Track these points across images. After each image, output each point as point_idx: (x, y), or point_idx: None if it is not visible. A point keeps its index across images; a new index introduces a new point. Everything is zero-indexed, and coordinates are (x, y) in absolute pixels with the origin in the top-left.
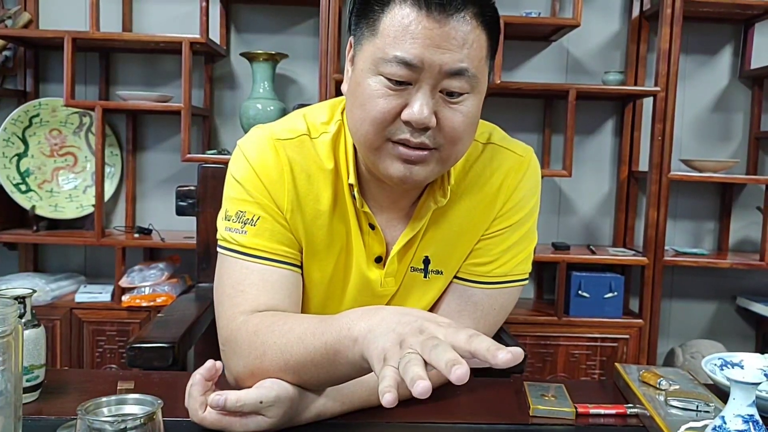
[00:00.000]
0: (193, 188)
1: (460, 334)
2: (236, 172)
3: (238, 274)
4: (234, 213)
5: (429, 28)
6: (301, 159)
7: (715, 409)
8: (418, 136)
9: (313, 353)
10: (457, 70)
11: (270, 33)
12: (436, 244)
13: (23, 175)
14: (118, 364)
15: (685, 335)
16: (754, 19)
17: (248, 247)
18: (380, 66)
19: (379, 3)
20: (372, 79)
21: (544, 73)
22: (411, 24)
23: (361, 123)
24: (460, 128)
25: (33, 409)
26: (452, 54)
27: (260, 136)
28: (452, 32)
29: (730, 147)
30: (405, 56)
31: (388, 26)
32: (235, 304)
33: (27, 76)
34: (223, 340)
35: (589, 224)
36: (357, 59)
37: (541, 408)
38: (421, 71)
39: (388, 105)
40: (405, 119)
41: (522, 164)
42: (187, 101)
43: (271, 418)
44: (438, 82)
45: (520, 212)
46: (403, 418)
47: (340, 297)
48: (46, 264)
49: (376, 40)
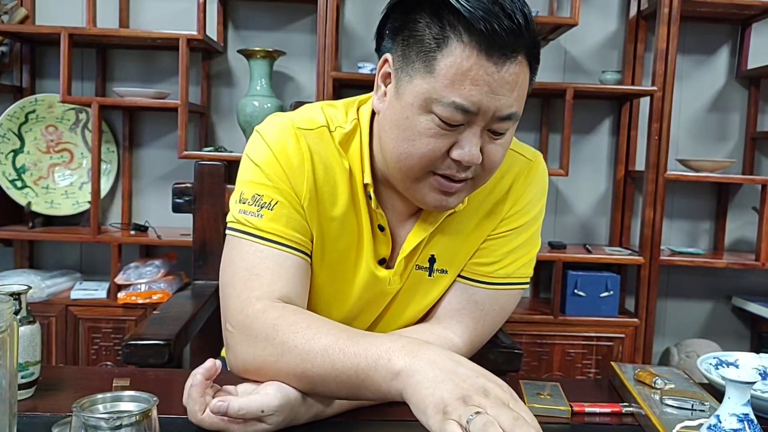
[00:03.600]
0: (189, 185)
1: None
2: (255, 155)
3: (252, 257)
4: (250, 196)
5: (488, 73)
6: (321, 150)
7: (710, 408)
8: (463, 171)
9: (339, 371)
10: (508, 115)
11: (267, 30)
12: (443, 244)
13: (19, 172)
14: (113, 361)
15: (680, 334)
16: (752, 20)
17: (264, 231)
18: (434, 106)
19: (434, 38)
20: (423, 117)
21: (541, 72)
22: (472, 68)
23: (408, 157)
24: (499, 160)
25: (28, 405)
26: (506, 99)
27: (281, 123)
28: (507, 76)
29: (727, 147)
30: (464, 103)
31: (446, 67)
32: (250, 288)
33: (23, 72)
34: (234, 323)
35: (585, 223)
36: (404, 90)
37: (537, 406)
38: (476, 116)
39: (439, 144)
40: (455, 158)
41: (531, 168)
42: (184, 98)
43: (271, 425)
44: (488, 124)
45: (526, 216)
46: (399, 416)
47: (345, 292)
48: (42, 260)
49: (431, 79)
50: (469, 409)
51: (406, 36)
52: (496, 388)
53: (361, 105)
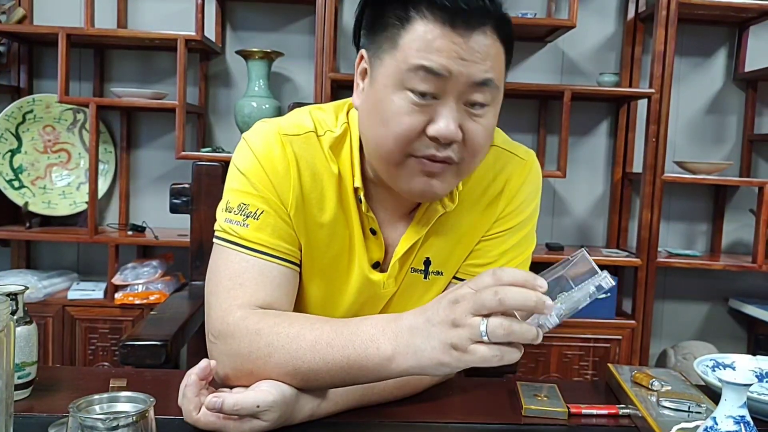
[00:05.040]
0: (187, 186)
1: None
2: (241, 163)
3: (236, 267)
4: (236, 205)
5: (455, 42)
6: (308, 156)
7: (706, 410)
8: (444, 150)
9: (331, 365)
10: (482, 80)
11: (266, 31)
12: (437, 246)
13: (16, 172)
14: (110, 361)
15: (677, 336)
16: (749, 22)
17: (249, 241)
18: (405, 79)
19: (398, 18)
20: (396, 95)
21: (539, 74)
22: (436, 39)
23: (384, 140)
24: (482, 141)
25: (24, 406)
26: (477, 65)
27: (267, 130)
28: (476, 46)
29: (724, 149)
30: (432, 65)
31: (410, 41)
32: (233, 296)
33: (21, 72)
34: (216, 332)
35: (582, 225)
36: (376, 75)
37: (534, 408)
38: (448, 82)
39: (414, 121)
40: (432, 135)
41: (524, 168)
42: (182, 99)
43: (267, 422)
44: (463, 94)
45: (520, 215)
46: (396, 417)
47: (339, 297)
48: (39, 261)
49: (397, 54)
50: (468, 329)
51: (375, 27)
52: (456, 292)
53: (351, 108)
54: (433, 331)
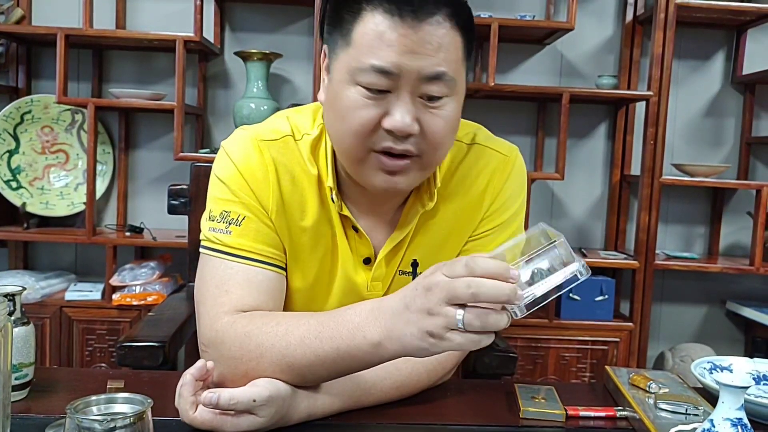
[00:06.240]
0: (185, 187)
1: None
2: (220, 172)
3: (222, 274)
4: (218, 213)
5: (403, 34)
6: (286, 160)
7: (704, 412)
8: (401, 143)
9: (322, 357)
10: (434, 74)
11: (264, 32)
12: (424, 247)
13: (14, 172)
14: (107, 362)
15: (675, 339)
16: (747, 25)
17: (233, 247)
18: (357, 76)
19: (349, 12)
20: (349, 90)
21: (537, 76)
22: (385, 32)
23: (343, 135)
24: (441, 133)
25: (22, 407)
26: (429, 59)
27: (244, 137)
28: (427, 37)
29: (722, 152)
30: (382, 64)
31: (361, 35)
32: (219, 304)
33: (19, 73)
34: (206, 341)
35: (580, 227)
36: (333, 70)
37: (531, 410)
38: (399, 78)
39: (368, 115)
40: (387, 128)
41: (507, 164)
42: (181, 100)
43: (263, 418)
44: (416, 88)
45: (506, 212)
46: (393, 419)
47: (323, 300)
48: (37, 262)
49: (350, 50)
50: (443, 318)
51: (330, 21)
52: (430, 279)
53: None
54: (411, 317)
